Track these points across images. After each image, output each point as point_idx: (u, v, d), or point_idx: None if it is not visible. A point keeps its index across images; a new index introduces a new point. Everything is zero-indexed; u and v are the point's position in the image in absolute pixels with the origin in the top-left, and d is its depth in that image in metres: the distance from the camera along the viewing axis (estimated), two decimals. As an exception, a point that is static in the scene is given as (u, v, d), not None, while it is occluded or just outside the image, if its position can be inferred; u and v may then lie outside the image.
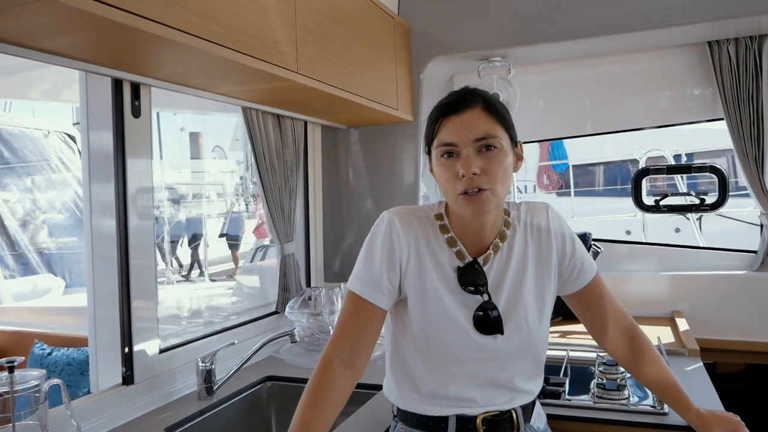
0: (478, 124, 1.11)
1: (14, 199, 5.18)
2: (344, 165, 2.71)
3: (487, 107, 1.13)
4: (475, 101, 1.13)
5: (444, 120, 1.13)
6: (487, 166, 1.10)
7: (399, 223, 1.19)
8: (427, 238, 1.20)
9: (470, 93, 1.15)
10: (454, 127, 1.12)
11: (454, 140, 1.12)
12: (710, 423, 1.29)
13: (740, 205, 5.36)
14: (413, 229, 1.19)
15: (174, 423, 1.51)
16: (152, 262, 1.68)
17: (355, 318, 1.18)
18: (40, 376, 1.20)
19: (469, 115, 1.12)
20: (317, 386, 1.12)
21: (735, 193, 2.74)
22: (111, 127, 1.57)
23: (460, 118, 1.12)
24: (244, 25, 1.39)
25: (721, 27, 2.22)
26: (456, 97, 1.15)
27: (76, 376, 2.70)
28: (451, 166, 1.12)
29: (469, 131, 1.11)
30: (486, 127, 1.11)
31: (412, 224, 1.20)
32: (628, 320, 1.34)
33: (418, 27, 2.50)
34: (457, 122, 1.12)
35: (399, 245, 1.18)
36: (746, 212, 5.13)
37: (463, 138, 1.11)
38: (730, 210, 5.04)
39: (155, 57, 1.37)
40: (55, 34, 1.19)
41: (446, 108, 1.14)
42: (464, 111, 1.12)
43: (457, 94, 1.16)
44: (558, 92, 2.75)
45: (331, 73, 1.80)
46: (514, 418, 1.22)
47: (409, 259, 1.18)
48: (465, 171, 1.09)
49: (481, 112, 1.12)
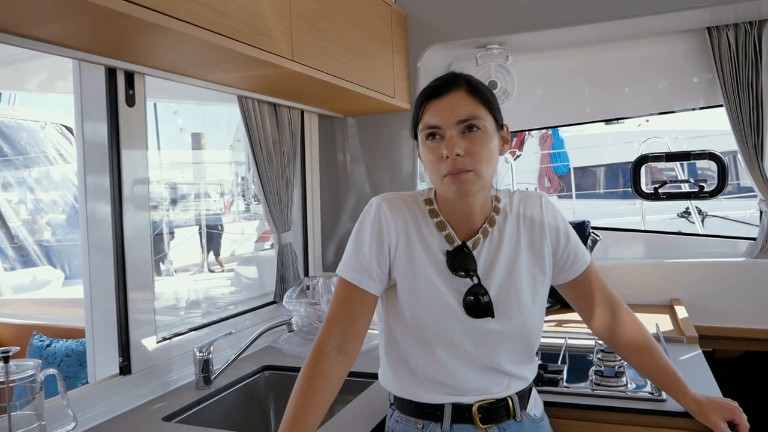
0: (462, 106, 1.12)
1: (13, 192, 5.17)
2: (342, 154, 2.70)
3: (471, 90, 1.14)
4: (459, 84, 1.14)
5: (428, 103, 1.14)
6: (470, 148, 1.11)
7: (387, 208, 1.19)
8: (416, 222, 1.20)
9: (454, 76, 1.16)
10: (438, 110, 1.13)
11: (438, 122, 1.12)
12: (707, 409, 1.29)
13: (742, 207, 5.34)
14: (402, 214, 1.20)
15: (172, 412, 1.51)
16: (148, 252, 1.68)
17: (347, 304, 1.18)
18: (36, 366, 1.20)
19: (452, 97, 1.12)
20: (310, 372, 1.12)
21: (738, 195, 2.73)
22: (105, 117, 1.56)
23: (443, 101, 1.13)
24: (237, 11, 1.38)
25: (721, 12, 2.20)
26: (440, 81, 1.16)
27: (75, 368, 2.70)
28: (436, 148, 1.13)
29: (452, 113, 1.11)
30: (469, 109, 1.12)
31: (400, 209, 1.20)
32: (623, 308, 1.34)
33: (415, 15, 2.49)
34: (440, 105, 1.13)
35: (388, 230, 1.18)
36: (748, 214, 5.08)
37: (446, 120, 1.11)
38: (735, 212, 5.01)
39: (148, 44, 1.35)
40: (48, 22, 1.18)
41: (430, 92, 1.15)
42: (447, 94, 1.13)
43: (441, 78, 1.17)
44: (556, 79, 2.73)
45: (327, 61, 1.79)
46: (510, 406, 1.22)
47: (398, 243, 1.18)
48: (449, 152, 1.10)
49: (464, 94, 1.13)
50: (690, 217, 5.33)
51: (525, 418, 1.24)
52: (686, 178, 2.95)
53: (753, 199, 2.36)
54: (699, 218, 4.38)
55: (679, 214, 5.52)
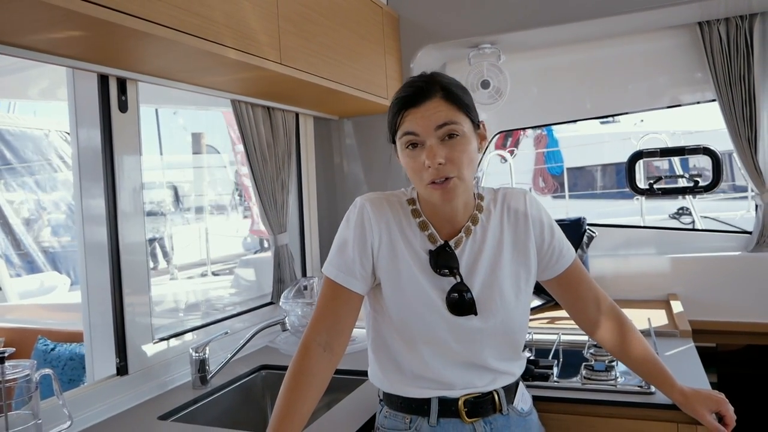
0: (439, 113, 1.13)
1: (18, 199, 5.23)
2: (338, 155, 2.72)
3: (446, 96, 1.14)
4: (434, 91, 1.14)
5: (405, 112, 1.15)
6: (451, 155, 1.12)
7: (370, 208, 1.21)
8: (399, 222, 1.22)
9: (428, 83, 1.16)
10: (415, 119, 1.13)
11: (417, 130, 1.13)
12: (693, 400, 1.30)
13: (733, 208, 5.30)
14: (385, 214, 1.21)
15: (167, 411, 1.54)
16: (144, 257, 1.70)
17: (331, 303, 1.20)
18: (31, 366, 1.23)
19: (429, 105, 1.13)
20: (297, 370, 1.15)
21: (732, 196, 2.72)
22: (98, 123, 1.59)
23: (421, 110, 1.13)
24: (223, 17, 1.40)
25: (711, 7, 2.21)
26: (414, 88, 1.16)
27: (78, 371, 2.74)
28: (417, 157, 1.14)
29: (430, 120, 1.12)
30: (447, 114, 1.13)
31: (383, 209, 1.22)
32: (608, 302, 1.35)
33: (407, 16, 2.51)
34: (417, 114, 1.13)
35: (370, 230, 1.20)
36: (739, 215, 5.05)
37: (425, 128, 1.13)
38: (725, 213, 4.99)
39: (137, 51, 1.38)
40: (38, 31, 1.21)
41: (406, 101, 1.15)
42: (424, 102, 1.13)
43: (415, 85, 1.17)
44: (550, 78, 2.75)
45: (316, 64, 1.81)
46: (497, 400, 1.23)
47: (380, 243, 1.20)
48: (430, 162, 1.12)
49: (440, 101, 1.14)
50: (681, 218, 5.32)
51: (512, 411, 1.26)
52: (681, 174, 2.94)
53: (744, 200, 2.37)
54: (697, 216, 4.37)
55: (671, 215, 5.49)
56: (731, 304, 2.34)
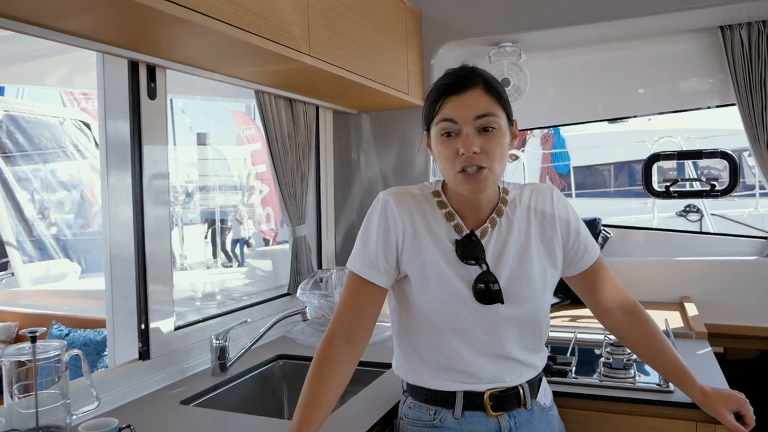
0: (479, 105, 1.14)
1: (31, 187, 5.26)
2: (356, 149, 2.73)
3: (487, 88, 1.16)
4: (476, 82, 1.16)
5: (445, 99, 1.16)
6: (486, 146, 1.14)
7: (394, 202, 1.23)
8: (423, 214, 1.23)
9: (471, 73, 1.18)
10: (456, 106, 1.15)
11: (456, 118, 1.15)
12: (714, 400, 1.31)
13: (741, 206, 5.30)
14: (408, 207, 1.23)
15: (189, 396, 1.56)
16: (167, 246, 1.72)
17: (355, 296, 1.22)
18: (61, 347, 1.24)
19: (470, 95, 1.15)
20: (321, 360, 1.18)
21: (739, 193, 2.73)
22: (128, 110, 1.60)
23: (462, 98, 1.15)
24: (256, 6, 1.41)
25: (734, 11, 2.21)
26: (457, 77, 1.17)
27: (92, 356, 2.77)
28: (451, 145, 1.16)
29: (470, 111, 1.14)
30: (487, 106, 1.15)
31: (407, 202, 1.23)
32: (631, 300, 1.36)
33: (429, 12, 2.51)
34: (458, 101, 1.15)
35: (394, 224, 1.21)
36: (747, 213, 5.06)
37: (464, 117, 1.14)
38: (734, 211, 4.99)
39: (170, 38, 1.39)
40: (75, 14, 1.22)
41: (447, 88, 1.17)
42: (466, 91, 1.15)
43: (458, 74, 1.18)
44: (569, 78, 2.75)
45: (342, 56, 1.82)
46: (521, 394, 1.24)
47: (405, 236, 1.21)
48: (465, 150, 1.13)
49: (481, 92, 1.15)
50: (689, 215, 5.35)
51: (535, 406, 1.27)
52: (696, 177, 2.95)
53: (752, 198, 2.37)
54: (705, 216, 4.39)
55: (678, 213, 5.53)
56: (745, 308, 2.34)
